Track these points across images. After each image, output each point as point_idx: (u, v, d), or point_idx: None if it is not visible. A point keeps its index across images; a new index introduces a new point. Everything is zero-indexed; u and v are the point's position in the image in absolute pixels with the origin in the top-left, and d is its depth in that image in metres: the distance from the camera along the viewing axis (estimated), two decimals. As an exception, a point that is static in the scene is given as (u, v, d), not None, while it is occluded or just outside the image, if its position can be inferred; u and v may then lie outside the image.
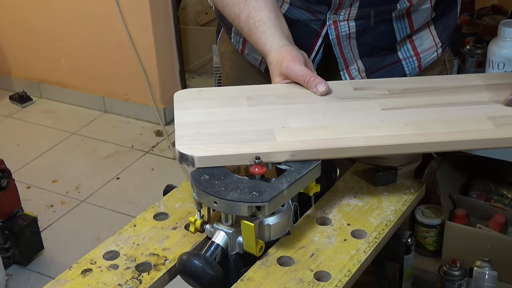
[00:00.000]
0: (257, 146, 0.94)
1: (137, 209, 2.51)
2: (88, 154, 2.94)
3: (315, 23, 1.18)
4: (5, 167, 2.13)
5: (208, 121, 1.01)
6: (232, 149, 0.94)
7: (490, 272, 1.77)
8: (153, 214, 1.01)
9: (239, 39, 1.31)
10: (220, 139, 0.96)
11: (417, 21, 1.22)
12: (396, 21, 1.21)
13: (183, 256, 0.86)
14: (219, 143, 0.95)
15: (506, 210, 1.91)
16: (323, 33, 1.21)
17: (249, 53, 1.31)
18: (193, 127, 1.00)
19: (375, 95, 1.08)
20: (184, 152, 0.93)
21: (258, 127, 0.99)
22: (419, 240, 1.97)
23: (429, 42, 1.26)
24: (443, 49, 1.29)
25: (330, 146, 0.95)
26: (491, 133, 0.98)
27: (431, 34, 1.26)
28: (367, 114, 1.02)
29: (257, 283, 0.86)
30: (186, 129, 0.99)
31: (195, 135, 0.97)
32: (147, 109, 3.13)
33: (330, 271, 0.87)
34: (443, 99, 1.06)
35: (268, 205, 0.86)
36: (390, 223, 0.97)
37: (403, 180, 1.08)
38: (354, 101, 1.06)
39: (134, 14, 2.95)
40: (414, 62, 1.26)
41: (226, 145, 0.95)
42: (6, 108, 3.33)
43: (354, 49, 1.23)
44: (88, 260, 0.91)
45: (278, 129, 0.99)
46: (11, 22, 3.30)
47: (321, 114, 1.02)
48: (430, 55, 1.27)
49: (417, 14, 1.21)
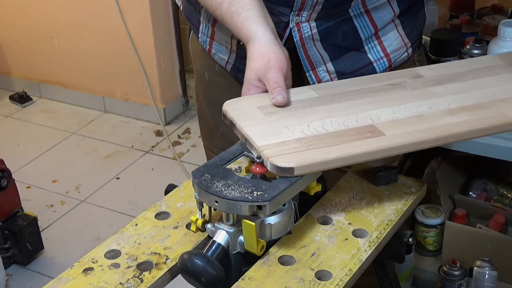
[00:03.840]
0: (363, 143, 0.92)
1: (137, 209, 2.51)
2: (88, 154, 2.94)
3: (278, 26, 1.17)
4: (5, 167, 2.13)
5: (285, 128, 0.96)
6: (339, 152, 0.90)
7: (490, 272, 1.77)
8: (155, 213, 1.01)
9: (206, 38, 1.32)
10: (314, 143, 0.92)
11: (379, 19, 1.22)
12: (357, 19, 1.21)
13: (184, 255, 0.86)
14: (317, 147, 0.91)
15: (506, 210, 1.92)
16: (286, 35, 1.20)
17: (216, 53, 1.31)
18: (273, 136, 0.94)
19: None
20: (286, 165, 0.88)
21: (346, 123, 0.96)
22: (419, 240, 1.97)
23: (398, 42, 1.27)
24: (413, 49, 1.30)
25: (436, 135, 0.94)
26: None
27: (399, 34, 1.26)
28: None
29: (258, 282, 0.86)
30: (267, 140, 0.93)
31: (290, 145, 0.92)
32: (147, 109, 3.13)
33: (331, 270, 0.88)
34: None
35: (269, 204, 0.86)
36: (391, 223, 0.98)
37: (404, 179, 1.08)
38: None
39: (134, 14, 2.95)
40: (385, 63, 1.26)
41: (329, 149, 0.91)
42: (6, 108, 3.33)
43: (321, 51, 1.23)
44: (90, 259, 0.92)
45: (377, 122, 0.96)
46: (11, 22, 3.30)
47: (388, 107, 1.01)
48: (400, 55, 1.28)
49: (376, 11, 1.21)
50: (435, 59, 1.69)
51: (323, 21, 1.20)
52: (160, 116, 3.09)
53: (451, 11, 1.97)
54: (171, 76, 3.13)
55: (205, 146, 1.48)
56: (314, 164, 0.90)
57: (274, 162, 0.89)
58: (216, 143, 1.41)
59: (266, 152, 0.91)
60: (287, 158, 0.89)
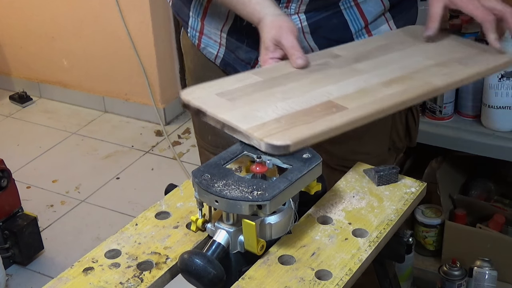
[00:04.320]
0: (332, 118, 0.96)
1: (137, 209, 2.51)
2: (88, 154, 2.94)
3: None
4: (5, 167, 2.14)
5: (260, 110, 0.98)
6: (321, 126, 0.94)
7: (490, 272, 1.78)
8: (155, 213, 1.01)
9: (195, 33, 1.33)
10: (292, 122, 0.95)
11: (369, 12, 1.24)
12: (347, 12, 1.22)
13: (184, 254, 0.86)
14: (299, 125, 0.94)
15: (506, 210, 1.92)
16: None
17: (205, 47, 1.32)
18: (253, 119, 0.96)
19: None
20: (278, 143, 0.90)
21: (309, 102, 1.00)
22: (419, 240, 1.97)
23: None
24: None
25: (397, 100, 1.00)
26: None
27: (390, 28, 1.28)
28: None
29: (258, 282, 0.86)
30: (249, 122, 0.95)
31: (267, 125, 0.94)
32: (147, 109, 3.13)
33: (331, 270, 0.88)
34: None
35: (269, 203, 0.86)
36: (391, 223, 0.98)
37: (404, 179, 1.08)
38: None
39: (134, 14, 2.95)
40: None
41: (308, 125, 0.94)
42: (6, 108, 3.33)
43: (311, 44, 1.24)
44: (90, 259, 0.92)
45: (332, 98, 1.00)
46: (11, 22, 3.30)
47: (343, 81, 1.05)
48: None
49: (366, 4, 1.23)
50: (435, 59, 1.69)
51: (313, 13, 1.21)
52: (160, 116, 3.09)
53: (451, 11, 1.97)
54: (171, 76, 3.13)
55: (199, 144, 1.49)
56: (306, 138, 0.92)
57: (270, 142, 0.90)
58: (208, 140, 1.43)
59: (257, 134, 0.92)
60: (280, 137, 0.91)
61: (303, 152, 0.96)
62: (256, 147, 0.92)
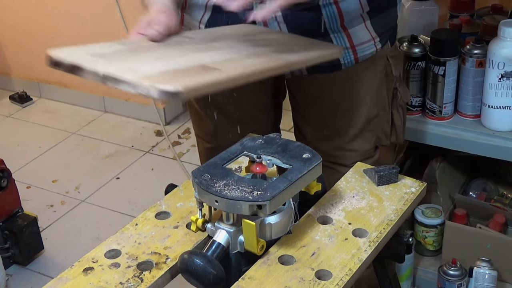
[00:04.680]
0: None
1: (137, 209, 2.51)
2: (88, 154, 2.94)
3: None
4: (5, 167, 2.13)
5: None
6: (207, 78, 0.92)
7: (490, 272, 1.77)
8: (155, 213, 1.01)
9: None
10: (178, 75, 0.93)
11: (347, 12, 1.24)
12: (325, 8, 1.23)
13: (184, 254, 0.86)
14: (185, 76, 0.92)
15: (506, 210, 1.92)
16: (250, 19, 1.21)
17: None
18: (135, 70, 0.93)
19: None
20: (169, 89, 0.86)
21: None
22: (419, 240, 1.97)
23: (365, 36, 1.28)
24: (383, 44, 1.32)
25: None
26: None
27: (367, 29, 1.28)
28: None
29: (258, 282, 0.86)
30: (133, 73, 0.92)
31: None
32: (147, 109, 3.13)
33: (331, 270, 0.88)
34: None
35: (269, 203, 0.86)
36: (391, 223, 0.98)
37: (404, 179, 1.08)
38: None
39: (134, 14, 2.95)
40: (350, 55, 1.28)
41: (195, 78, 0.92)
42: (6, 108, 3.33)
43: None
44: (90, 259, 0.92)
45: (205, 63, 0.98)
46: (11, 22, 3.30)
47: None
48: (368, 49, 1.29)
49: (344, 2, 1.23)
50: (435, 59, 1.69)
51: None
52: (160, 116, 3.09)
53: (451, 11, 1.97)
54: (171, 76, 3.13)
55: (196, 134, 1.51)
56: (196, 87, 0.89)
57: (161, 87, 0.85)
58: (203, 127, 1.44)
59: (146, 82, 0.88)
60: (171, 84, 0.87)
61: (303, 152, 0.96)
62: (144, 95, 0.87)
